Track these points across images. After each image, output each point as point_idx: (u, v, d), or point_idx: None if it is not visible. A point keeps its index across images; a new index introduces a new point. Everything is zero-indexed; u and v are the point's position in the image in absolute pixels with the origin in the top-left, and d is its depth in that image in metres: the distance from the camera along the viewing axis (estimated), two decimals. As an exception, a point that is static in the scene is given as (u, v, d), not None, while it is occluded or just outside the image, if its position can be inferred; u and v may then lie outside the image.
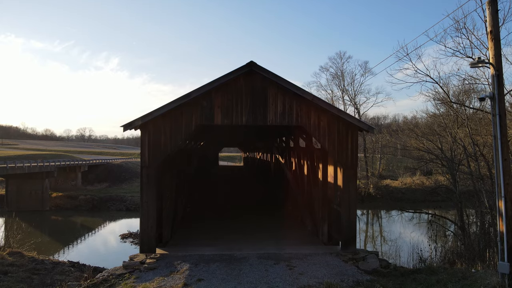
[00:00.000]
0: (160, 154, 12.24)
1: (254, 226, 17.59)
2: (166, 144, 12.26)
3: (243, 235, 15.91)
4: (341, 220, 12.79)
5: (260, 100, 12.41)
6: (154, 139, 12.20)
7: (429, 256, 19.45)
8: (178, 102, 11.98)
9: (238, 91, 12.38)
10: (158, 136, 12.21)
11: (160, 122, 12.20)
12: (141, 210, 12.26)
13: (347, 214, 12.64)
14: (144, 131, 12.18)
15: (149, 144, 12.21)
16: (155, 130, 12.20)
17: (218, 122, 12.35)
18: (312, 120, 12.54)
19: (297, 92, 12.24)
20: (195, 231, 16.38)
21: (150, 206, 12.25)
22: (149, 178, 12.24)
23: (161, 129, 12.22)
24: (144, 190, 12.22)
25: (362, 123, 12.38)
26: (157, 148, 12.22)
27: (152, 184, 12.27)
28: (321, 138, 12.56)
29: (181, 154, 18.71)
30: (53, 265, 20.19)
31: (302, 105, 12.48)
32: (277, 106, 12.46)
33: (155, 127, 12.18)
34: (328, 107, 12.38)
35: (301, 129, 15.04)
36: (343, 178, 12.67)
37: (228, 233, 16.10)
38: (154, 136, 12.20)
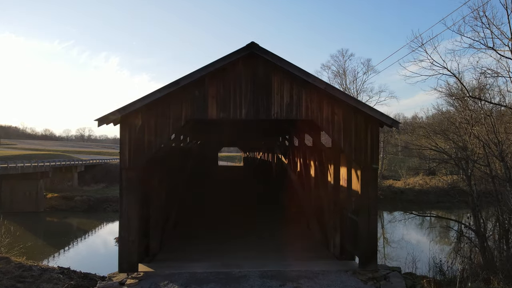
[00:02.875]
0: (143, 153, 10.06)
1: (255, 234, 15.39)
2: (151, 141, 10.08)
3: (242, 245, 13.75)
4: (359, 231, 10.62)
5: (263, 89, 10.24)
6: (136, 136, 10.02)
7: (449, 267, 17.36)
8: (165, 91, 9.81)
9: (237, 78, 10.21)
10: (141, 132, 10.03)
11: (144, 116, 10.02)
12: (120, 220, 10.08)
13: (366, 224, 10.46)
14: (124, 126, 10.00)
15: (130, 142, 10.02)
16: (137, 125, 10.01)
17: (212, 115, 10.18)
18: (324, 113, 10.36)
19: (307, 79, 10.06)
20: (189, 240, 14.21)
21: (132, 215, 10.07)
22: (130, 182, 10.06)
23: (144, 124, 10.03)
24: (124, 196, 10.04)
25: (384, 116, 10.21)
26: (139, 146, 10.04)
27: (133, 189, 10.09)
28: (335, 134, 10.39)
29: (175, 153, 16.52)
30: (41, 271, 18.49)
31: (312, 95, 10.31)
32: (283, 96, 10.29)
33: (137, 122, 10.00)
34: (344, 97, 10.19)
35: (310, 124, 12.85)
36: (361, 181, 10.50)
37: (226, 243, 13.92)
38: (136, 132, 10.02)
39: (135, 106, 9.73)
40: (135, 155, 10.01)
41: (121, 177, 10.05)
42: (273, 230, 16.31)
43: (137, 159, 10.02)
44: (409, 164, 63.12)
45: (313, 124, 12.36)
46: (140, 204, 10.75)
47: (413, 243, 27.62)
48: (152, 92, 9.79)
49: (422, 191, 52.10)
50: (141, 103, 9.74)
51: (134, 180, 10.08)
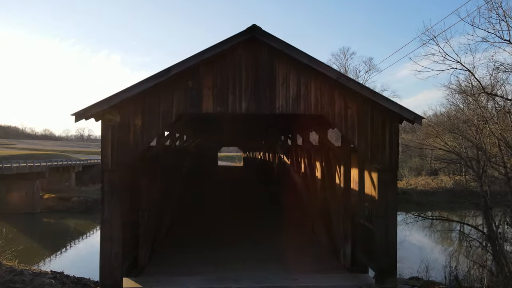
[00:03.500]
0: (128, 153, 8.65)
1: (256, 241, 13.95)
2: (137, 140, 8.66)
3: (241, 253, 12.33)
4: (375, 242, 9.21)
5: (266, 80, 8.83)
6: (119, 133, 8.60)
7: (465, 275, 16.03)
8: (153, 81, 8.39)
9: (236, 66, 8.80)
10: (125, 129, 8.61)
11: (129, 110, 8.60)
12: (102, 229, 8.66)
13: (383, 234, 9.05)
14: (106, 122, 8.58)
15: (113, 139, 8.59)
16: (121, 121, 8.60)
17: (208, 109, 8.76)
18: (336, 106, 8.95)
19: (317, 68, 8.65)
20: (182, 248, 12.78)
21: (115, 224, 8.65)
22: (113, 186, 8.63)
23: (129, 119, 8.61)
24: (106, 202, 8.62)
25: (405, 110, 8.79)
26: (124, 145, 8.62)
27: (117, 193, 8.68)
28: (349, 131, 8.98)
29: (169, 153, 15.12)
30: (33, 276, 17.27)
31: (323, 87, 8.90)
32: (289, 87, 8.87)
33: (120, 116, 8.58)
34: (359, 88, 8.77)
35: (318, 120, 11.45)
36: (378, 184, 9.08)
37: (223, 251, 12.50)
38: (119, 128, 8.60)
39: (118, 98, 8.31)
40: (118, 155, 8.59)
41: (102, 180, 8.63)
42: (275, 235, 14.88)
43: (121, 159, 8.60)
44: (411, 164, 61.80)
45: (322, 120, 10.97)
46: (125, 210, 9.36)
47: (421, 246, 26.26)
48: (138, 82, 8.38)
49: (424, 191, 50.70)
50: (125, 95, 8.33)
51: (117, 183, 8.67)
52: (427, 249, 25.01)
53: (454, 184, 43.18)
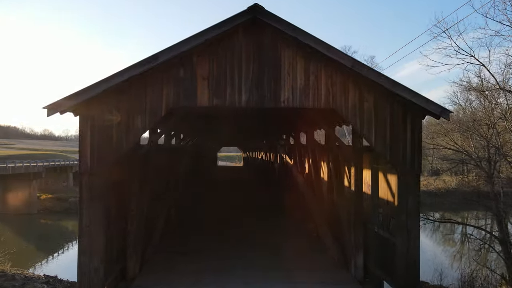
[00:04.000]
0: (111, 153, 7.40)
1: (256, 246, 12.63)
2: (121, 137, 7.42)
3: (241, 262, 11.07)
4: (396, 255, 7.97)
5: (270, 68, 7.59)
6: (101, 130, 7.36)
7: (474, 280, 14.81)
8: (138, 69, 7.15)
9: (235, 53, 7.56)
10: (107, 125, 7.38)
11: (111, 103, 7.36)
12: (80, 241, 7.42)
13: (404, 247, 7.80)
14: (85, 117, 7.33)
15: (93, 137, 7.34)
16: (102, 115, 7.36)
17: (203, 102, 7.53)
18: (350, 99, 7.71)
19: (328, 54, 7.41)
20: (176, 258, 11.49)
21: (96, 234, 7.41)
22: (94, 190, 7.39)
23: (111, 113, 7.37)
24: (85, 210, 7.38)
25: (431, 103, 7.54)
26: (106, 144, 7.37)
27: (98, 198, 7.43)
28: (365, 128, 7.73)
29: (164, 152, 13.88)
30: (25, 281, 16.17)
31: (335, 76, 7.67)
32: (296, 76, 7.63)
33: (102, 111, 7.35)
34: (377, 78, 7.52)
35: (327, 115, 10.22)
36: (399, 189, 7.84)
37: (222, 259, 11.21)
38: (100, 124, 7.36)
39: (98, 89, 7.07)
40: (99, 155, 7.35)
41: (80, 184, 7.39)
42: (277, 241, 13.59)
43: (103, 160, 7.36)
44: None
45: (331, 116, 9.75)
46: (111, 216, 8.15)
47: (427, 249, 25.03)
48: (120, 71, 7.13)
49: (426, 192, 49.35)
50: (106, 85, 7.09)
51: (98, 187, 7.43)
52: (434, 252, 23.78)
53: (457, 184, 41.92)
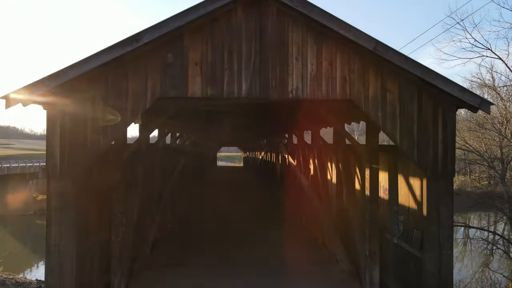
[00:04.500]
0: (85, 153, 6.11)
1: (258, 258, 11.28)
2: (98, 135, 6.13)
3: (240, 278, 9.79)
4: (422, 273, 6.68)
5: (275, 52, 6.31)
6: (72, 126, 6.08)
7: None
8: (116, 51, 5.86)
9: (234, 34, 6.28)
10: (80, 120, 6.09)
11: (84, 93, 6.08)
12: (47, 260, 6.13)
13: (434, 263, 6.51)
14: (52, 110, 6.05)
15: (63, 135, 6.05)
16: (73, 108, 6.07)
17: (195, 92, 6.24)
18: (371, 88, 6.43)
19: (346, 35, 6.14)
20: (169, 273, 10.13)
21: (67, 252, 6.13)
22: (64, 199, 6.09)
23: (85, 107, 6.10)
24: (54, 222, 6.09)
25: (468, 93, 6.26)
26: (79, 142, 6.09)
27: (71, 208, 6.15)
28: (388, 123, 6.45)
29: (156, 153, 12.59)
30: (15, 286, 15.14)
31: (352, 61, 6.38)
32: (307, 62, 6.35)
33: (73, 103, 6.06)
34: (404, 63, 6.22)
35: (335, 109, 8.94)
36: (428, 196, 6.55)
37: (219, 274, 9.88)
38: (72, 119, 6.08)
39: (66, 75, 5.78)
40: (71, 156, 6.06)
41: (48, 191, 6.10)
42: (280, 251, 12.25)
43: (76, 162, 6.07)
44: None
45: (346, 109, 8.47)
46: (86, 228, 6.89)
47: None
48: (95, 53, 5.85)
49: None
50: (77, 71, 5.80)
51: (71, 195, 6.14)
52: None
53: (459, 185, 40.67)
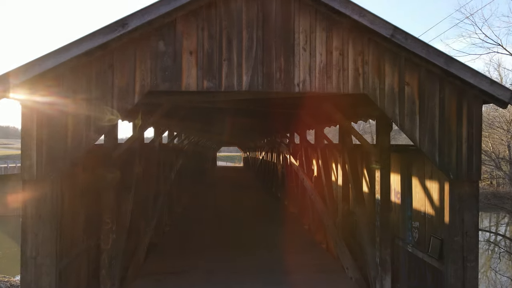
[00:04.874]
0: (66, 153, 5.39)
1: (261, 267, 10.45)
2: (80, 133, 5.41)
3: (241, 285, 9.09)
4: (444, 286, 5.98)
5: (279, 40, 5.60)
6: (51, 123, 5.36)
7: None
8: (99, 38, 5.14)
9: (233, 19, 5.56)
10: (60, 117, 5.37)
11: (64, 85, 5.36)
12: (22, 274, 5.40)
13: (458, 276, 5.79)
14: (28, 105, 5.33)
15: (40, 133, 5.33)
16: (52, 104, 5.35)
17: (190, 85, 5.51)
18: (387, 81, 5.71)
19: (359, 20, 5.42)
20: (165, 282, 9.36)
21: (45, 266, 5.41)
22: (43, 206, 5.38)
23: (66, 101, 5.37)
24: (31, 232, 5.38)
25: (497, 86, 5.54)
26: (59, 141, 5.38)
27: (50, 217, 5.43)
28: (406, 120, 5.72)
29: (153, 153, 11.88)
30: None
31: (366, 51, 5.66)
32: (315, 52, 5.63)
33: (52, 97, 5.34)
34: (425, 52, 5.49)
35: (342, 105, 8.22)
36: (451, 199, 5.82)
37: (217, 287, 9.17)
38: (50, 115, 5.36)
39: (42, 66, 5.05)
40: (50, 157, 5.34)
41: (23, 196, 5.37)
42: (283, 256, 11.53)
43: (55, 163, 5.35)
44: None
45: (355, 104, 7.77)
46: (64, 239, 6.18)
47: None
48: (76, 41, 5.13)
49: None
50: (54, 61, 5.07)
51: (48, 201, 5.42)
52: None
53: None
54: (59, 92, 5.31)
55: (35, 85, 5.20)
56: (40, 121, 5.31)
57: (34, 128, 5.30)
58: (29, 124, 5.30)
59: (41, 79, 5.18)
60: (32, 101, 5.24)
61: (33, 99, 5.24)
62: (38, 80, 5.18)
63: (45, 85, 5.25)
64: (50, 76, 5.22)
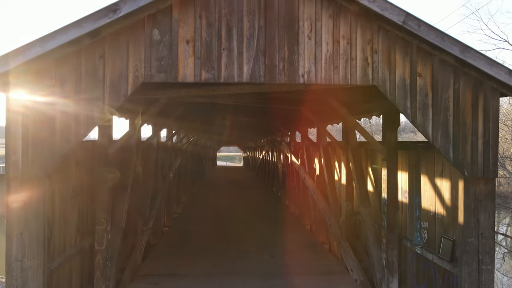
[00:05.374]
0: (54, 149, 5.01)
1: (261, 269, 10.00)
2: (68, 128, 5.03)
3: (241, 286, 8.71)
4: (457, 292, 5.61)
5: (283, 29, 5.23)
6: (38, 117, 4.98)
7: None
8: (90, 25, 4.76)
9: (233, 6, 5.16)
10: (47, 111, 4.99)
11: (52, 77, 4.98)
12: (7, 278, 5.02)
13: (473, 280, 5.42)
14: (12, 97, 4.94)
15: (26, 128, 4.94)
16: (39, 96, 4.95)
17: (187, 76, 5.13)
18: (398, 72, 5.32)
19: (368, 6, 5.04)
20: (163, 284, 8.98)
21: (32, 271, 5.00)
22: (30, 205, 5.01)
23: (53, 94, 4.98)
24: (16, 233, 4.99)
25: (518, 75, 5.18)
26: (46, 136, 4.99)
27: (37, 216, 5.05)
28: (418, 113, 5.33)
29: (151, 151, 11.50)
30: None
31: (376, 39, 5.28)
32: (321, 41, 5.25)
33: (39, 89, 4.95)
34: (439, 41, 5.12)
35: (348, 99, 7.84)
36: (466, 198, 5.44)
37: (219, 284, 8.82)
38: (38, 109, 4.98)
39: (26, 55, 4.67)
40: (37, 153, 4.95)
41: (8, 194, 4.98)
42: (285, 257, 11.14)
43: (42, 159, 4.96)
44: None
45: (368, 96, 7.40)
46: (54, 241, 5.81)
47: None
48: (64, 27, 4.74)
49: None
50: (40, 49, 4.69)
51: (37, 199, 5.04)
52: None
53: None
54: (46, 84, 4.92)
55: (19, 76, 4.81)
56: (26, 115, 4.92)
57: (20, 121, 4.91)
58: (14, 117, 4.91)
59: (25, 69, 4.80)
60: (16, 93, 4.85)
61: (18, 92, 4.85)
62: (22, 71, 4.79)
63: (30, 75, 4.86)
64: (35, 66, 4.83)
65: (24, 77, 4.84)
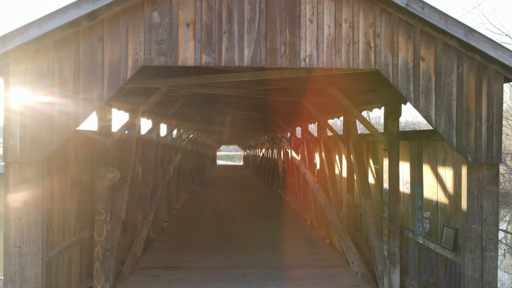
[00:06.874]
0: (52, 134, 4.93)
1: (261, 263, 9.90)
2: (66, 113, 4.95)
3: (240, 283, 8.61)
4: (461, 279, 5.53)
5: (283, 11, 5.16)
6: (35, 100, 4.90)
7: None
8: (88, 6, 4.69)
9: (234, -12, 5.12)
10: (44, 93, 4.91)
11: (49, 60, 4.89)
12: (5, 265, 4.94)
13: (476, 267, 5.35)
14: (9, 80, 4.87)
15: (24, 111, 4.89)
16: (36, 80, 4.89)
17: (187, 60, 5.05)
18: (400, 56, 5.25)
19: (371, -12, 4.99)
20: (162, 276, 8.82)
21: (30, 257, 4.93)
22: (28, 189, 4.93)
23: (51, 75, 4.91)
24: (14, 218, 4.90)
25: (523, 60, 5.10)
26: (44, 120, 4.91)
27: (36, 202, 4.98)
28: (421, 98, 5.25)
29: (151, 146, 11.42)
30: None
31: (378, 22, 5.21)
32: (322, 24, 5.18)
33: (36, 72, 4.88)
34: (443, 23, 5.04)
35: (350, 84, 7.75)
36: (469, 185, 5.37)
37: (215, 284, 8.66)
38: (34, 91, 4.90)
39: (23, 37, 4.59)
40: (35, 137, 4.88)
41: (7, 179, 4.91)
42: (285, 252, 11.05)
43: (41, 144, 4.89)
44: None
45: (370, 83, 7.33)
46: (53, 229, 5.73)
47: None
48: (62, 8, 4.67)
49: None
50: (37, 31, 4.61)
51: (33, 183, 4.96)
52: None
53: None
54: (43, 68, 4.84)
55: (16, 57, 4.74)
56: (22, 95, 4.84)
57: (17, 105, 4.84)
58: (12, 99, 4.83)
59: (23, 51, 4.72)
60: (14, 75, 4.78)
61: (15, 74, 4.77)
62: (20, 52, 4.72)
63: (28, 59, 4.79)
64: (33, 48, 4.75)
65: (20, 61, 4.77)
